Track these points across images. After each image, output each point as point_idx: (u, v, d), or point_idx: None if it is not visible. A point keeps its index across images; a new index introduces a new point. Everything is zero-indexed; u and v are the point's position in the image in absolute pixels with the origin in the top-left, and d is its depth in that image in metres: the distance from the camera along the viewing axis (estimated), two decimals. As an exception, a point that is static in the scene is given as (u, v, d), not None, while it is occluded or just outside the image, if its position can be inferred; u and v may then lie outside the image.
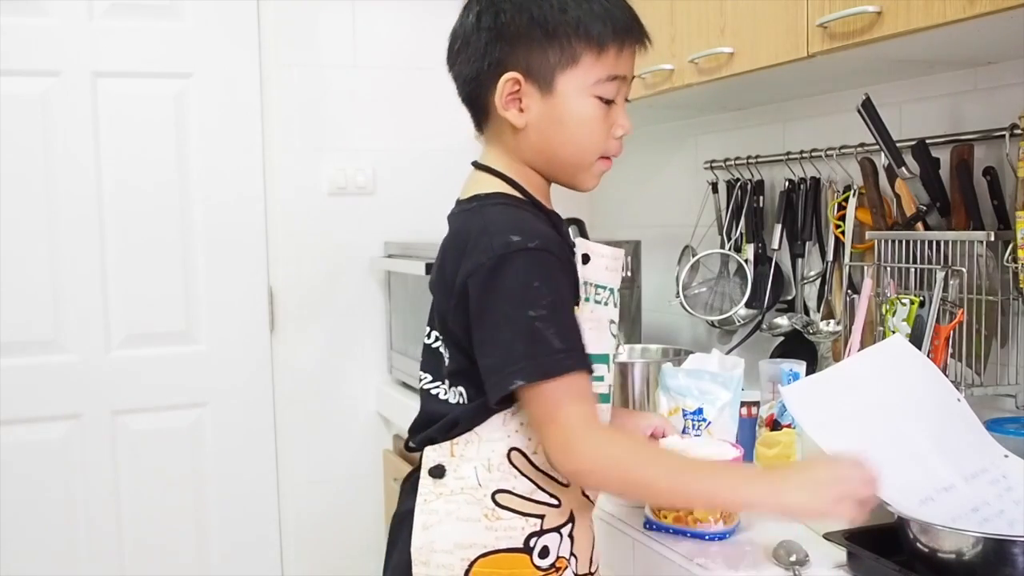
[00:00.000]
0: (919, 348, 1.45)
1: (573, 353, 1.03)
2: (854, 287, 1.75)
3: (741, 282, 2.07)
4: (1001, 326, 1.49)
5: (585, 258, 1.12)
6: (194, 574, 2.66)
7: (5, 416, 2.47)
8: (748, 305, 2.07)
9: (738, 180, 2.13)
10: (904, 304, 1.53)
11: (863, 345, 1.46)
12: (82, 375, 2.54)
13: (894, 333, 1.52)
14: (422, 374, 1.20)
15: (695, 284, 2.19)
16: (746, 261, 2.06)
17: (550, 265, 1.05)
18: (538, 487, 1.10)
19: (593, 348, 1.08)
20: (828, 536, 1.22)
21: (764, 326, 2.04)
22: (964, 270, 1.48)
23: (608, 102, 1.12)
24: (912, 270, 1.58)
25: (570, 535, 1.13)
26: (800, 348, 1.94)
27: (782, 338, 2.01)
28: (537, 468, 1.10)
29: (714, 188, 2.24)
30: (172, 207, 2.60)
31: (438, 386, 1.16)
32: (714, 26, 1.71)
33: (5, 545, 2.48)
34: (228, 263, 2.65)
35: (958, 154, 1.56)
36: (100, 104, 2.52)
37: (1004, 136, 1.48)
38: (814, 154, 1.90)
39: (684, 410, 1.42)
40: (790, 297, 2.02)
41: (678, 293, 2.17)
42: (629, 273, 2.27)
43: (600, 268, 1.12)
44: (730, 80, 1.71)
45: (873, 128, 1.59)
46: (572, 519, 1.13)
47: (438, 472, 1.11)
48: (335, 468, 2.76)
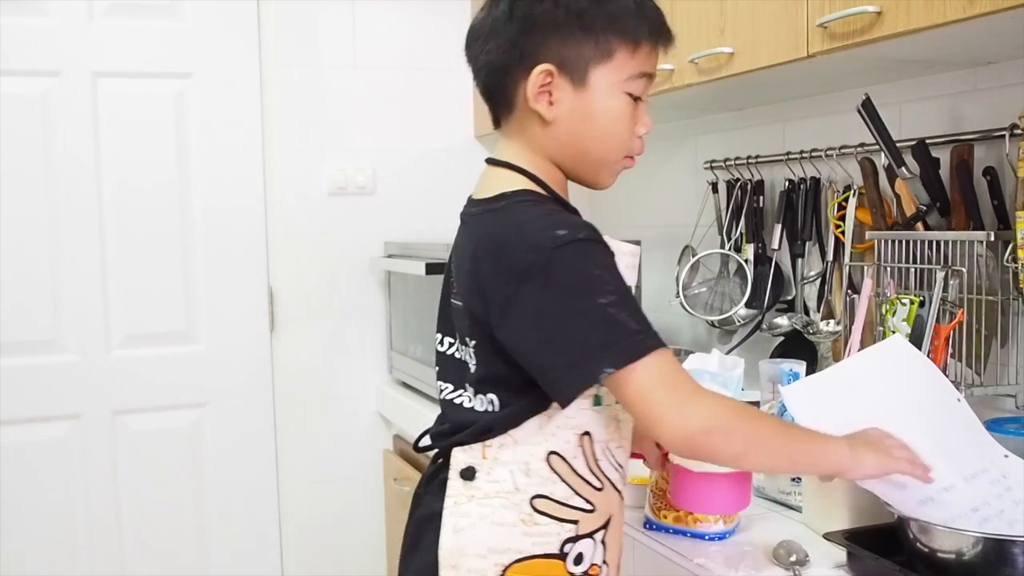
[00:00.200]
0: (919, 348, 1.45)
1: (651, 333, 1.01)
2: (854, 287, 1.75)
3: (741, 282, 2.07)
4: (1001, 326, 1.49)
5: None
6: (194, 574, 2.66)
7: (5, 416, 2.47)
8: (748, 305, 2.07)
9: (738, 180, 2.13)
10: (904, 304, 1.53)
11: (863, 345, 1.46)
12: (82, 375, 2.54)
13: (894, 333, 1.52)
14: (442, 384, 1.18)
15: (695, 284, 2.19)
16: (746, 261, 2.06)
17: (603, 253, 1.03)
18: (575, 492, 1.08)
19: None
20: (828, 536, 1.23)
21: (764, 326, 2.04)
22: (964, 270, 1.48)
23: (636, 99, 1.12)
24: (912, 270, 1.57)
25: (602, 541, 1.11)
26: (800, 348, 1.94)
27: (782, 338, 2.01)
28: (576, 472, 1.08)
29: (714, 188, 2.24)
30: (172, 207, 2.60)
31: (460, 394, 1.14)
32: (714, 26, 1.71)
33: (5, 545, 2.48)
34: (228, 263, 2.65)
35: (958, 154, 1.56)
36: (100, 104, 2.52)
37: (1004, 136, 1.48)
38: (814, 154, 1.90)
39: (684, 410, 1.42)
40: (790, 297, 2.02)
41: (678, 293, 2.16)
42: (634, 272, 2.27)
43: (622, 266, 1.10)
44: (730, 80, 1.71)
45: (873, 128, 1.58)
46: (605, 525, 1.11)
47: (469, 474, 1.08)
48: (335, 468, 2.76)
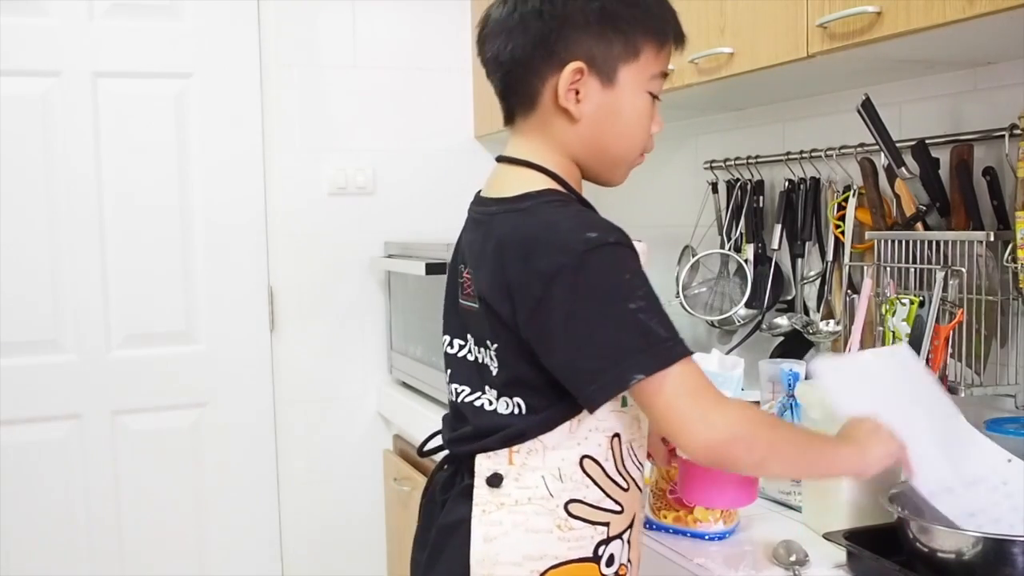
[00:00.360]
0: (919, 348, 1.46)
1: (678, 340, 1.01)
2: (854, 287, 1.75)
3: (741, 282, 2.07)
4: (1001, 326, 1.49)
5: None
6: (194, 574, 2.66)
7: (5, 416, 2.47)
8: (748, 305, 2.06)
9: (738, 180, 2.13)
10: (904, 304, 1.53)
11: (863, 345, 1.46)
12: (82, 375, 2.54)
13: (894, 333, 1.52)
14: (457, 387, 1.16)
15: (695, 284, 2.19)
16: (746, 261, 2.06)
17: (632, 257, 1.03)
18: (606, 495, 1.08)
19: None
20: (828, 536, 1.23)
21: (764, 326, 2.04)
22: (964, 270, 1.48)
23: (655, 98, 1.12)
24: (912, 270, 1.57)
25: (628, 540, 1.12)
26: (800, 348, 1.94)
27: (782, 338, 2.01)
28: (608, 476, 1.08)
29: (714, 188, 2.24)
30: (172, 207, 2.60)
31: (480, 396, 1.12)
32: (714, 26, 1.71)
33: (5, 545, 2.48)
34: (228, 263, 2.65)
35: (958, 154, 1.56)
36: (100, 104, 2.52)
37: (1004, 136, 1.48)
38: (814, 154, 1.90)
39: (684, 410, 1.42)
40: (790, 297, 2.02)
41: (678, 293, 2.16)
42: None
43: None
44: (730, 80, 1.71)
45: (873, 128, 1.58)
46: (631, 524, 1.12)
47: (496, 481, 1.07)
48: (335, 468, 2.76)
